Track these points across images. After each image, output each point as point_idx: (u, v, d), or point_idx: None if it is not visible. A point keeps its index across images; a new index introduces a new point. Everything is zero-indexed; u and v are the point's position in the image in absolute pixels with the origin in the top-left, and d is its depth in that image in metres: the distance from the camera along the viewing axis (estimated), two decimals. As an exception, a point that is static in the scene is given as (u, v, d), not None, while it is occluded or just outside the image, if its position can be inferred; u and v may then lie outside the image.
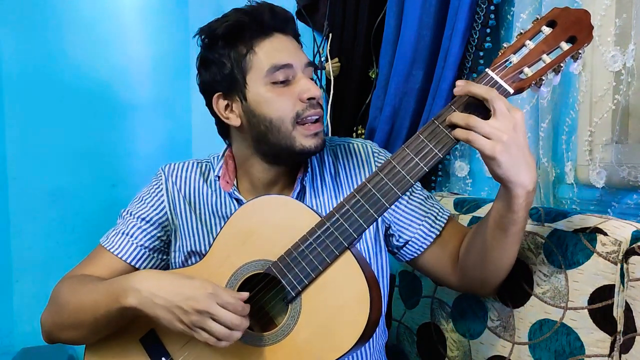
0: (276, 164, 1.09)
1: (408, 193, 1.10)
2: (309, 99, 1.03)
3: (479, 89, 0.87)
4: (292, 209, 0.97)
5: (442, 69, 1.43)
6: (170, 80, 2.06)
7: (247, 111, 1.06)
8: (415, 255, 1.12)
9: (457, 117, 0.87)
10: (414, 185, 1.11)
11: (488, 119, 0.86)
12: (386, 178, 0.91)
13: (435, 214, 1.10)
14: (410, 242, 1.11)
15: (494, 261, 0.98)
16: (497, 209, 0.93)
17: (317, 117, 1.05)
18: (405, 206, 1.10)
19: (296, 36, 1.11)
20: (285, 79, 1.04)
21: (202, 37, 1.08)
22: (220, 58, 1.06)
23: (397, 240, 1.12)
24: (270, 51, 1.04)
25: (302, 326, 0.93)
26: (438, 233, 1.09)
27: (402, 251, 1.13)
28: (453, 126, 0.88)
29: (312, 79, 1.08)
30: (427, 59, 1.50)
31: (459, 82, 0.89)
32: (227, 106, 1.09)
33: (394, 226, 1.11)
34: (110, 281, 1.00)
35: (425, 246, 1.10)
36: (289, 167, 1.11)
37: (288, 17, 1.08)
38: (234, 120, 1.08)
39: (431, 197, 1.13)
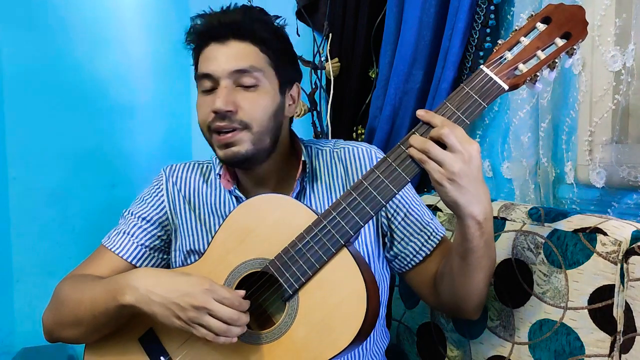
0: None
1: (406, 208, 1.10)
2: (213, 111, 1.02)
3: (436, 122, 0.88)
4: (289, 207, 0.97)
5: (442, 69, 1.43)
6: (170, 80, 2.07)
7: None
8: (401, 271, 1.13)
9: (415, 140, 0.89)
10: (414, 202, 1.11)
11: None
12: (382, 176, 0.91)
13: (428, 234, 1.09)
14: (399, 258, 1.11)
15: (461, 287, 0.99)
16: (455, 238, 0.96)
17: (226, 130, 1.03)
18: (401, 221, 1.10)
19: (250, 39, 1.05)
20: (211, 87, 1.05)
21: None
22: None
23: (388, 252, 1.12)
24: (201, 61, 1.07)
25: (300, 324, 0.93)
26: (426, 254, 1.09)
27: (390, 264, 1.14)
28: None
29: (253, 86, 1.04)
30: (427, 59, 1.50)
31: (419, 112, 0.90)
32: None
33: (389, 237, 1.11)
34: (108, 279, 1.01)
35: (412, 264, 1.10)
36: (262, 170, 1.10)
37: (225, 23, 1.05)
38: None
39: (429, 215, 1.12)
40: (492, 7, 1.37)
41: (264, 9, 1.12)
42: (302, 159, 1.11)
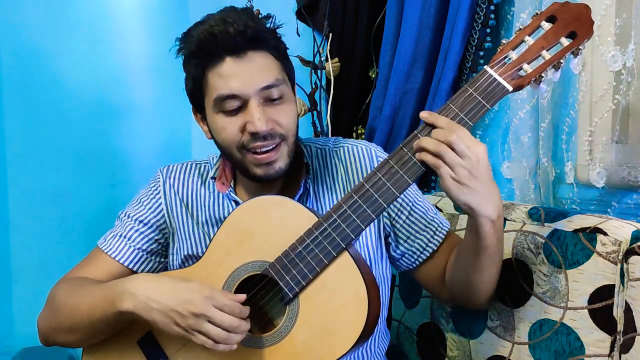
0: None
1: (410, 205, 1.09)
2: (253, 133, 0.98)
3: (440, 123, 0.87)
4: (289, 210, 0.96)
5: (442, 69, 1.43)
6: (170, 80, 2.05)
7: (209, 131, 1.07)
8: (410, 268, 1.12)
9: (428, 142, 0.87)
10: (417, 198, 1.11)
11: None
12: (384, 178, 0.90)
13: (434, 229, 1.09)
14: (406, 255, 1.11)
15: (474, 282, 0.99)
16: (467, 236, 0.96)
17: (267, 148, 1.00)
18: (405, 219, 1.10)
19: (265, 48, 1.00)
20: (235, 107, 0.99)
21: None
22: (188, 75, 1.05)
23: (394, 251, 1.12)
24: (217, 80, 0.98)
25: (301, 327, 0.92)
26: (434, 249, 1.09)
27: (397, 262, 1.14)
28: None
29: (280, 98, 1.00)
30: (427, 59, 1.50)
31: (422, 114, 0.90)
32: (201, 119, 1.09)
33: (393, 236, 1.11)
34: (106, 285, 1.00)
35: (419, 261, 1.10)
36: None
37: (240, 34, 0.96)
38: (207, 134, 1.09)
39: (433, 210, 1.12)
40: (492, 7, 1.37)
41: (259, 10, 1.09)
42: (305, 160, 1.10)
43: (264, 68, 0.99)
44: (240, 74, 0.98)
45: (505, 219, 1.14)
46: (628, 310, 0.89)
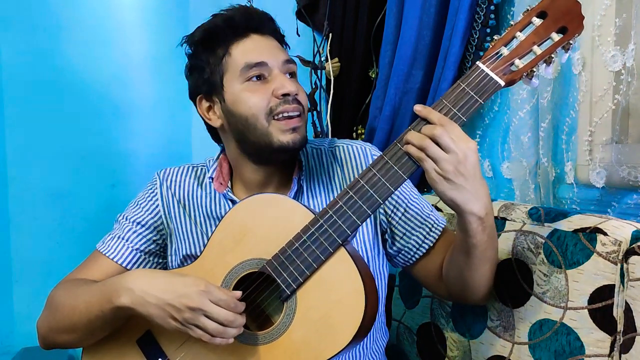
0: (262, 163, 1.09)
1: (405, 202, 1.10)
2: (283, 95, 1.03)
3: (433, 118, 0.88)
4: (285, 207, 0.97)
5: (442, 69, 1.43)
6: (170, 80, 2.06)
7: (226, 111, 1.07)
8: (407, 264, 1.13)
9: (413, 136, 0.88)
10: (413, 196, 1.12)
11: None
12: (379, 174, 0.91)
13: (430, 226, 1.10)
14: (402, 252, 1.11)
15: (469, 279, 0.99)
16: (457, 234, 0.96)
17: (294, 113, 1.04)
18: (401, 216, 1.10)
19: (277, 35, 1.11)
20: (260, 76, 1.05)
21: (185, 45, 1.11)
22: (201, 63, 1.08)
23: (390, 248, 1.12)
24: (244, 51, 1.06)
25: (298, 324, 0.93)
26: (430, 246, 1.09)
27: (394, 259, 1.14)
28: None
29: (293, 74, 1.09)
30: (427, 59, 1.50)
31: (416, 107, 0.90)
32: (209, 108, 1.11)
33: (389, 233, 1.11)
34: (103, 282, 1.00)
35: (416, 258, 1.11)
36: (277, 166, 1.11)
37: (264, 17, 1.09)
38: (215, 121, 1.10)
39: (429, 207, 1.13)
40: (492, 7, 1.37)
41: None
42: (299, 158, 1.11)
43: (281, 48, 1.10)
44: (266, 47, 1.07)
45: (505, 219, 1.14)
46: (628, 310, 0.89)
